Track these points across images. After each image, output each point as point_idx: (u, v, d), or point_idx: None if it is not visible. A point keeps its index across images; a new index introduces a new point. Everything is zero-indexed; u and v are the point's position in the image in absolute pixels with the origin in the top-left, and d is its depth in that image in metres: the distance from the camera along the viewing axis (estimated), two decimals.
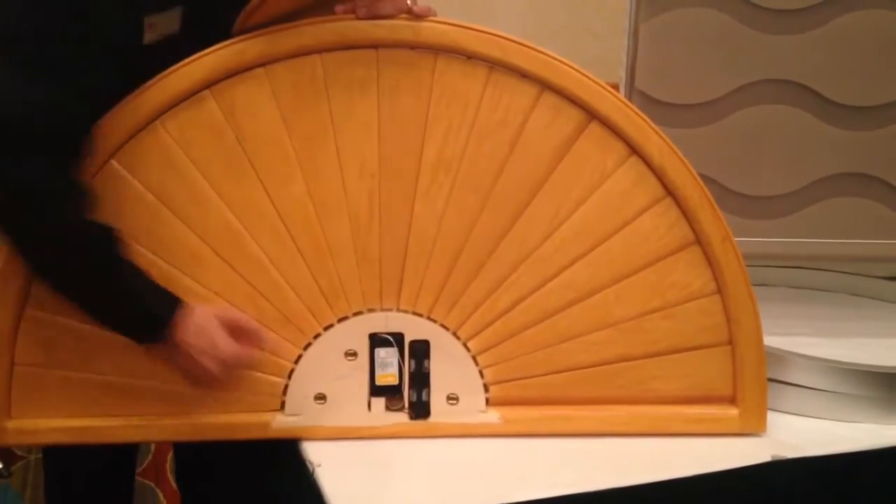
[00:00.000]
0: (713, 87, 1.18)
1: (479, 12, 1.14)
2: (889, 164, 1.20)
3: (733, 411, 1.10)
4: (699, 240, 1.07)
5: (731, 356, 1.10)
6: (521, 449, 1.09)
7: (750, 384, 1.09)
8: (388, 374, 1.09)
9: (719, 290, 1.08)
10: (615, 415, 1.11)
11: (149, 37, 1.00)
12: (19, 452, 1.98)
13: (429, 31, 1.02)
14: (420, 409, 1.10)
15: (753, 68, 1.16)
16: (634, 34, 1.12)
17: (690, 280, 1.08)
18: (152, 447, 2.05)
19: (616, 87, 1.15)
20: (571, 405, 1.11)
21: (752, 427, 1.10)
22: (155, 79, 1.00)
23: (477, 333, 1.09)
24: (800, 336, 1.25)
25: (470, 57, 1.03)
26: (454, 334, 1.09)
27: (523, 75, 1.03)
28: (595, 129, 1.05)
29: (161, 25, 1.01)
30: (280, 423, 1.08)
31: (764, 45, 1.14)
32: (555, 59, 1.03)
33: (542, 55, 1.03)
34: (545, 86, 1.03)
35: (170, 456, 1.99)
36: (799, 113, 1.19)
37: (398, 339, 1.09)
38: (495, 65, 1.03)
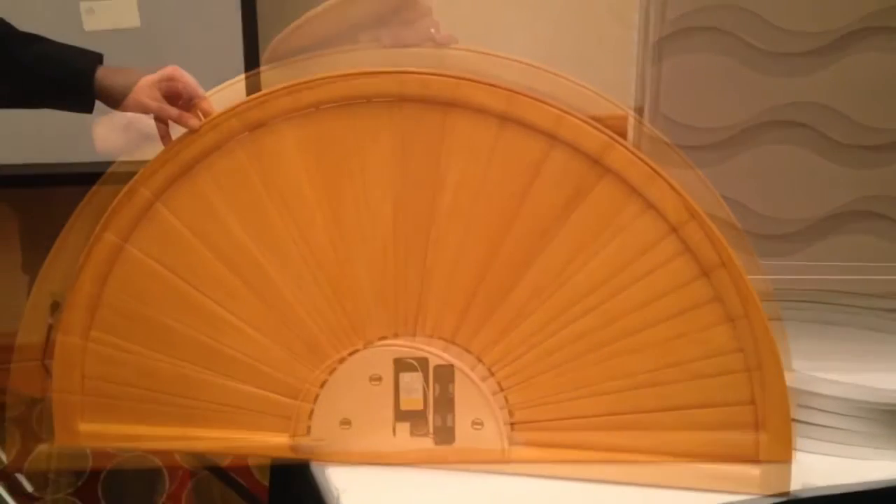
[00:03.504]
0: (721, 129, 1.12)
1: (499, 38, 1.13)
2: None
3: (755, 471, 1.07)
4: (720, 297, 1.03)
5: (755, 415, 1.05)
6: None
7: (774, 441, 1.05)
8: (412, 399, 1.14)
9: (741, 349, 1.04)
10: (635, 468, 1.10)
11: (90, 24, 1.04)
12: (36, 494, 2.07)
13: (439, 84, 1.02)
14: (445, 434, 1.14)
15: (759, 109, 1.10)
16: (641, 77, 1.08)
17: (711, 336, 1.04)
18: (167, 480, 2.15)
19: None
20: (592, 451, 1.11)
21: (775, 488, 1.06)
22: (187, 131, 1.07)
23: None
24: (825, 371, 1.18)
25: (480, 110, 1.02)
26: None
27: (533, 128, 1.02)
28: (608, 183, 1.02)
29: (106, 14, 1.02)
30: (305, 447, 1.14)
31: (768, 87, 1.08)
32: (564, 112, 1.00)
33: (551, 108, 1.01)
34: (555, 139, 1.01)
35: (188, 487, 2.09)
36: (806, 152, 1.12)
37: (422, 364, 1.12)
38: (505, 118, 1.02)
